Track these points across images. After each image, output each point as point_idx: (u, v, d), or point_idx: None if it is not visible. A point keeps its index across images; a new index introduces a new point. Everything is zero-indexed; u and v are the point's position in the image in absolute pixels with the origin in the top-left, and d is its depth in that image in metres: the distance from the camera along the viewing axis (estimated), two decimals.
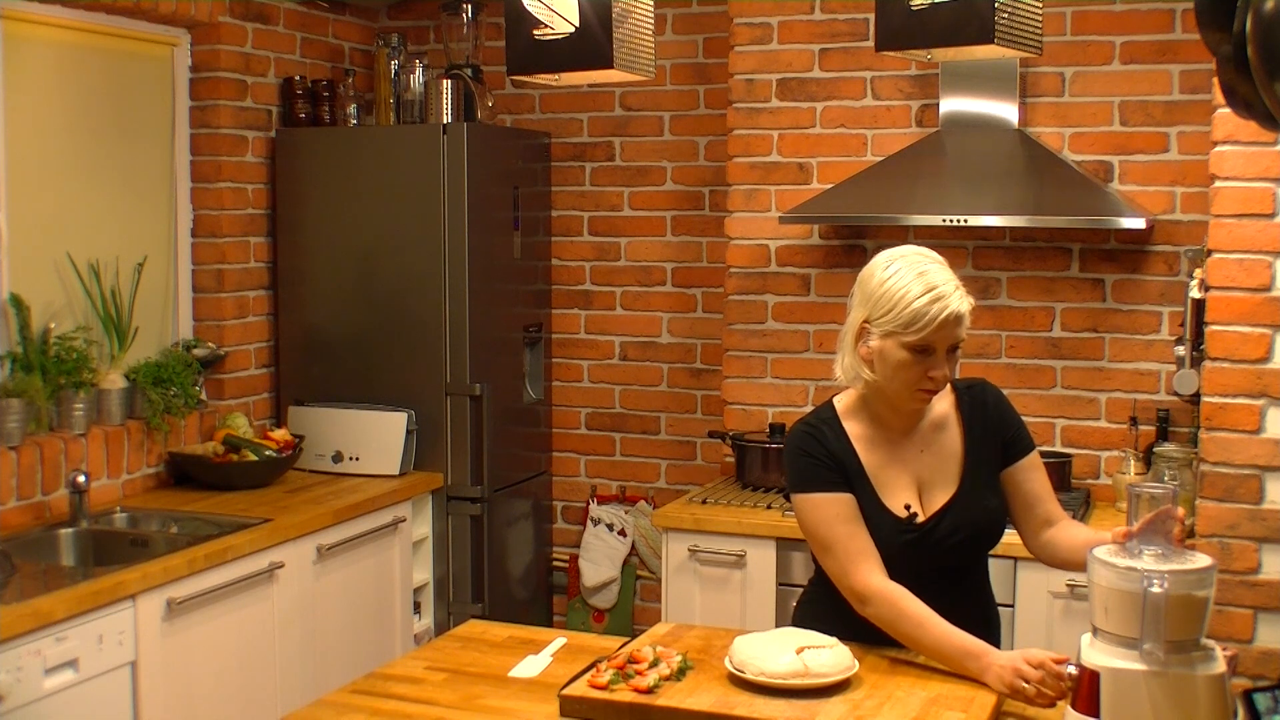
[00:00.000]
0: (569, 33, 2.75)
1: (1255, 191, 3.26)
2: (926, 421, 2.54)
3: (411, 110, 4.56)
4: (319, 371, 4.53)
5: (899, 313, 2.37)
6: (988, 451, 2.53)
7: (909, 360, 2.39)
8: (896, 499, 2.49)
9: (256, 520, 3.66)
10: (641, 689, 2.22)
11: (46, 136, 3.85)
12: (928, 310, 2.35)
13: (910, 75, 4.17)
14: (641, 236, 4.81)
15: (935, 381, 2.41)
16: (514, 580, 4.72)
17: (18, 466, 3.54)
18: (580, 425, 4.95)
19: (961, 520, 2.48)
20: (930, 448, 2.53)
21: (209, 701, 3.40)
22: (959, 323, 2.38)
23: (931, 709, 2.18)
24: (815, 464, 2.48)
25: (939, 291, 2.37)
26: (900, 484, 2.50)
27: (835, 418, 2.54)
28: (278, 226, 4.55)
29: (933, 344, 2.38)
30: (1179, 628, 1.98)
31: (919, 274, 2.40)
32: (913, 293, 2.37)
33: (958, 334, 2.40)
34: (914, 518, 2.48)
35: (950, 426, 2.55)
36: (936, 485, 2.51)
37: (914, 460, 2.52)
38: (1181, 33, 3.88)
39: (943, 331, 2.37)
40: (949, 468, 2.52)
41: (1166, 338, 3.93)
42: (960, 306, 2.37)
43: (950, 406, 2.56)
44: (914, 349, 2.38)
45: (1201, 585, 1.99)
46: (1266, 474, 3.29)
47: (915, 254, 2.46)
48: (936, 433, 2.54)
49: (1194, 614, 1.99)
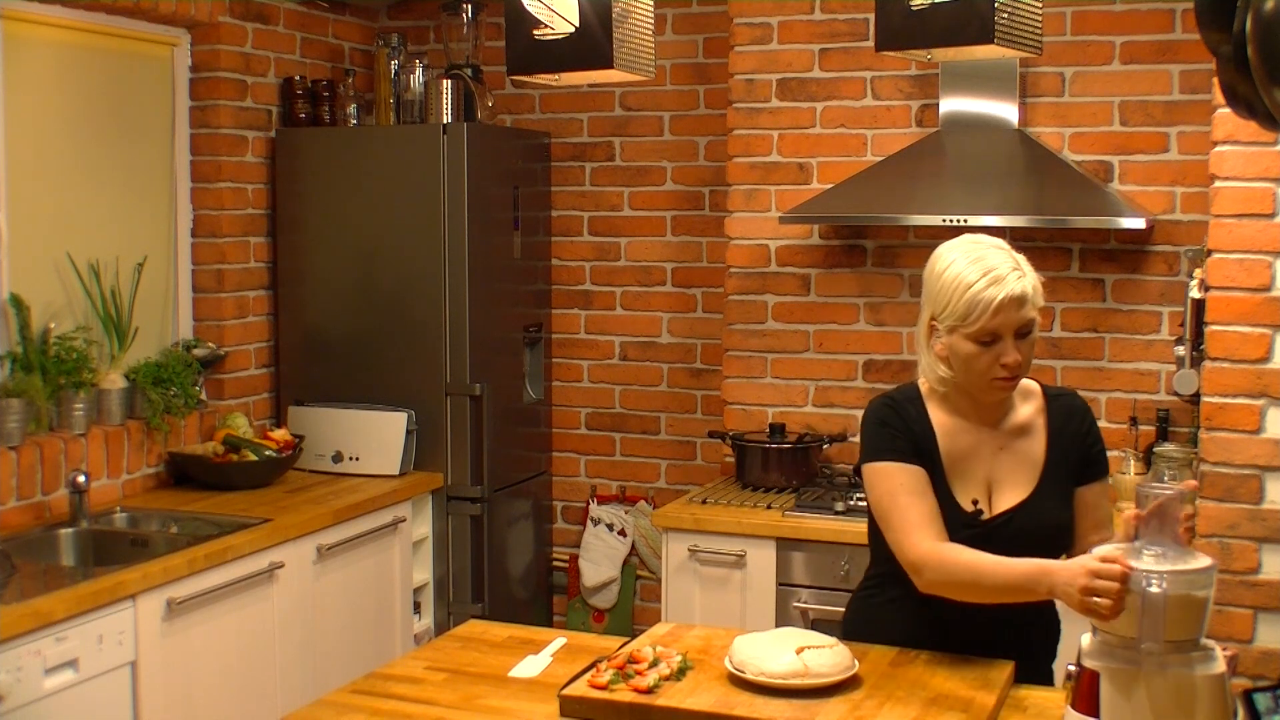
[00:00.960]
0: (569, 33, 2.75)
1: (1255, 191, 3.26)
2: (1010, 422, 2.48)
3: (411, 110, 4.56)
4: (319, 371, 4.53)
5: (957, 304, 2.32)
6: (1068, 462, 2.47)
7: (977, 351, 2.33)
8: (965, 492, 2.44)
9: (256, 520, 3.66)
10: (641, 689, 2.22)
11: (46, 136, 3.85)
12: (983, 296, 2.30)
13: (910, 75, 4.17)
14: (641, 236, 4.81)
15: (1008, 368, 2.34)
16: (514, 580, 4.72)
17: (18, 466, 3.54)
18: (580, 425, 4.95)
19: (1028, 525, 2.42)
20: (1009, 448, 2.47)
21: (209, 701, 3.40)
22: (1020, 305, 2.31)
23: (931, 709, 2.18)
24: (891, 434, 2.44)
25: (994, 275, 2.31)
26: (972, 478, 2.45)
27: (919, 397, 2.49)
28: (278, 226, 4.55)
29: (998, 331, 2.31)
30: (1178, 628, 1.97)
31: (973, 260, 2.34)
32: (967, 280, 2.32)
33: (1023, 316, 2.32)
34: (979, 514, 2.43)
35: (1035, 432, 2.48)
36: (1009, 486, 2.45)
37: (989, 458, 2.46)
38: (1181, 33, 3.88)
39: (1003, 316, 2.30)
40: (1025, 471, 2.46)
41: (1166, 338, 3.93)
42: (1017, 288, 2.30)
43: (1038, 411, 2.50)
44: (979, 339, 2.32)
45: (1201, 586, 1.98)
46: (1266, 474, 3.29)
47: (970, 242, 2.40)
48: (1019, 435, 2.47)
49: (1193, 614, 1.98)
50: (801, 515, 3.81)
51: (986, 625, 2.41)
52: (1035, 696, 2.33)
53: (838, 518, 3.76)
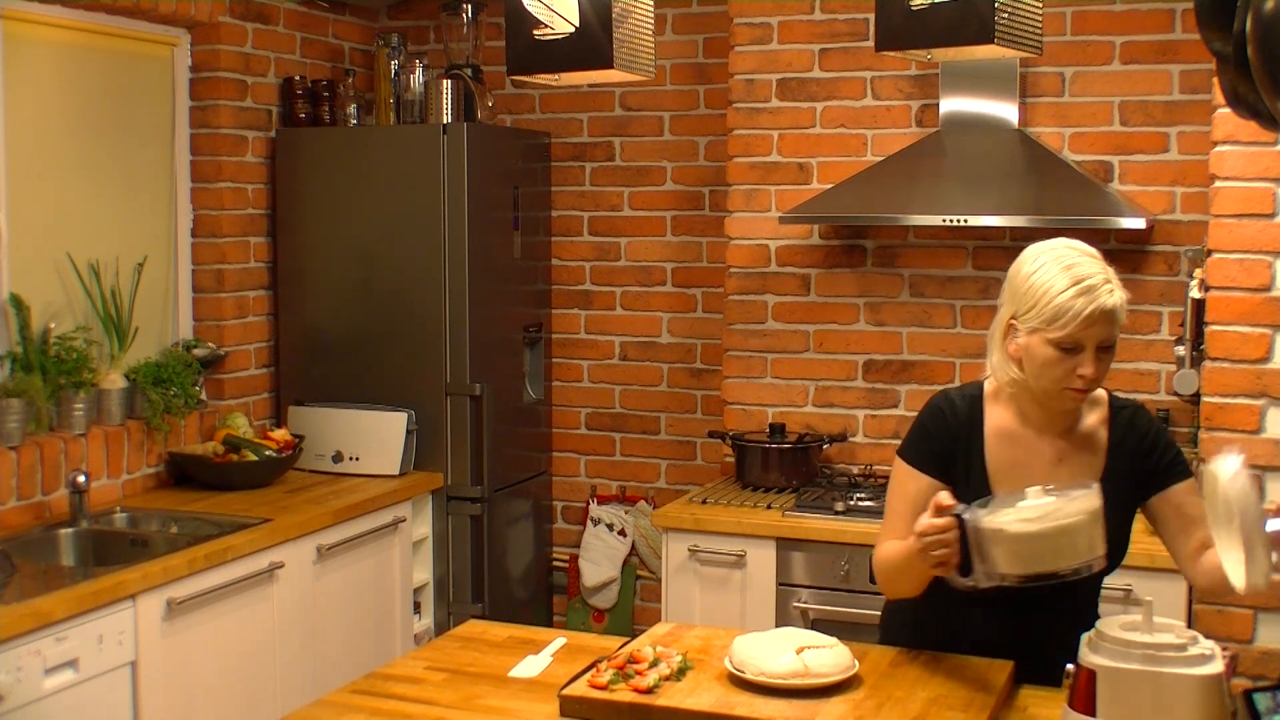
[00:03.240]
0: (569, 33, 2.75)
1: (1255, 191, 3.27)
2: (1073, 432, 2.43)
3: (411, 110, 4.56)
4: (319, 371, 4.53)
5: (1043, 308, 2.28)
6: (1127, 481, 2.41)
7: (1056, 358, 2.29)
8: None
9: (256, 520, 3.66)
10: (641, 689, 2.22)
11: (46, 136, 3.85)
12: (1073, 305, 2.25)
13: (910, 75, 4.17)
14: (641, 236, 4.81)
15: (1085, 380, 2.30)
16: (514, 580, 4.72)
17: (18, 466, 3.54)
18: (580, 425, 4.95)
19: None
20: (1068, 460, 2.42)
21: (209, 701, 3.40)
22: (1108, 319, 2.27)
23: (931, 709, 2.18)
24: (926, 439, 2.46)
25: (1087, 285, 2.26)
26: (1022, 485, 2.36)
27: (980, 399, 2.47)
28: (278, 226, 4.55)
29: (1081, 341, 2.27)
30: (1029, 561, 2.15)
31: (1065, 267, 2.29)
32: (1057, 286, 2.27)
33: (1108, 332, 2.29)
34: None
35: (1097, 446, 2.43)
36: None
37: (1045, 468, 2.41)
38: (1181, 33, 3.88)
39: (1091, 328, 2.26)
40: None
41: (1166, 338, 3.93)
42: (1108, 301, 2.26)
43: (1102, 424, 2.44)
44: (1061, 346, 2.28)
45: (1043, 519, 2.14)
46: (1266, 474, 3.29)
47: (1065, 247, 2.34)
48: (1080, 449, 2.43)
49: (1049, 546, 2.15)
50: (801, 515, 3.81)
51: (1026, 627, 2.39)
52: (1035, 696, 2.33)
53: (838, 518, 3.76)
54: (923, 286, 4.20)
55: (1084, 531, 2.17)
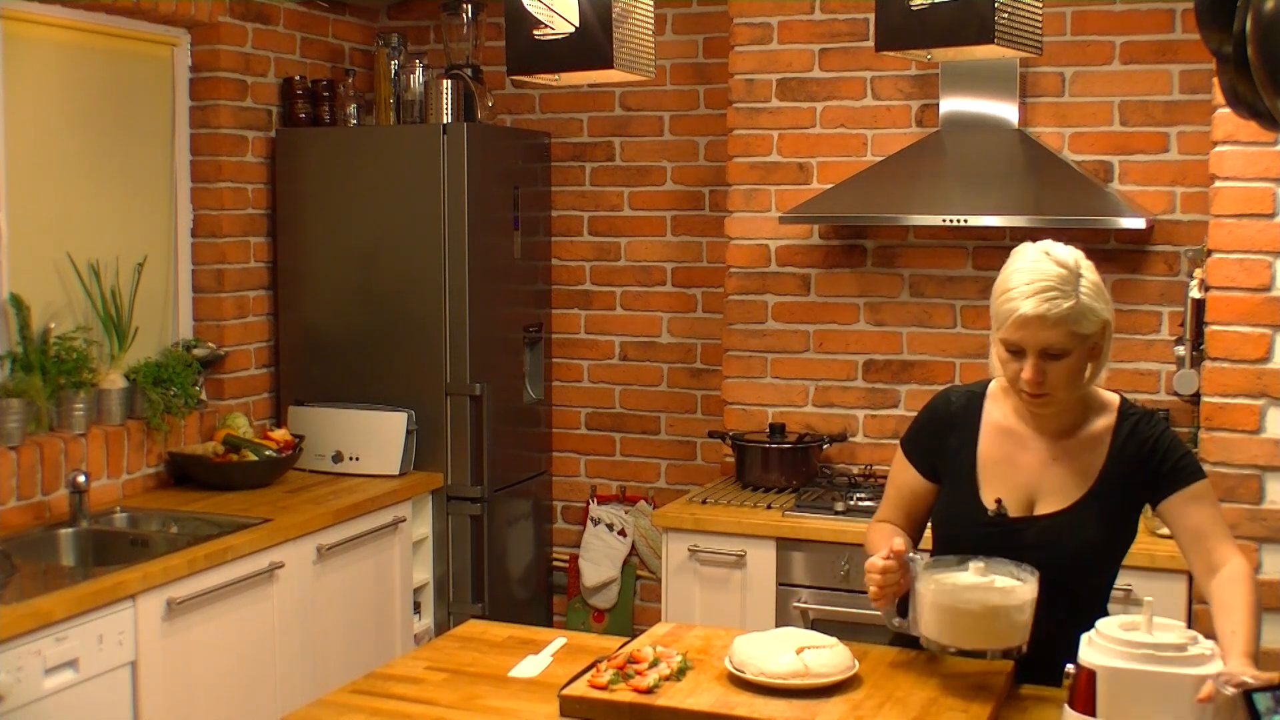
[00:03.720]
0: (569, 33, 2.75)
1: (1255, 191, 3.27)
2: (1075, 434, 2.42)
3: (411, 110, 4.56)
4: (319, 371, 4.53)
5: (995, 308, 2.34)
6: (1125, 484, 2.40)
7: (1006, 359, 2.34)
8: (992, 493, 2.42)
9: (256, 520, 3.66)
10: (641, 689, 2.22)
11: (46, 136, 3.85)
12: (1006, 307, 2.29)
13: (910, 75, 4.17)
14: (641, 236, 4.81)
15: (1027, 384, 2.30)
16: (514, 580, 4.72)
17: (18, 466, 3.54)
18: (580, 425, 4.95)
19: (1052, 536, 2.38)
20: (1065, 460, 2.42)
21: (209, 701, 3.40)
22: (1042, 325, 2.25)
23: (931, 709, 2.18)
24: (919, 431, 2.56)
25: (1029, 288, 2.27)
26: (1010, 481, 2.42)
27: (983, 395, 2.52)
28: (278, 226, 4.55)
29: (1019, 344, 2.29)
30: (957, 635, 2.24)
31: (1024, 267, 2.31)
32: (1006, 286, 2.32)
33: (1046, 339, 2.26)
34: (1002, 515, 2.40)
35: (1098, 447, 2.42)
36: (1054, 496, 2.41)
37: (1039, 466, 2.42)
38: (1181, 33, 3.88)
39: (1022, 332, 2.27)
40: (1075, 484, 2.40)
41: (1166, 338, 3.93)
42: (1044, 309, 2.24)
43: (1108, 429, 2.43)
44: (1007, 347, 2.32)
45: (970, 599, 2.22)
46: (1266, 474, 3.29)
47: (1041, 251, 2.34)
48: (1079, 451, 2.42)
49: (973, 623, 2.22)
50: (801, 515, 3.81)
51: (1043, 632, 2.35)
52: (1035, 696, 2.33)
53: (838, 518, 3.76)
54: (923, 286, 4.20)
55: (1002, 619, 2.22)
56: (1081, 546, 2.40)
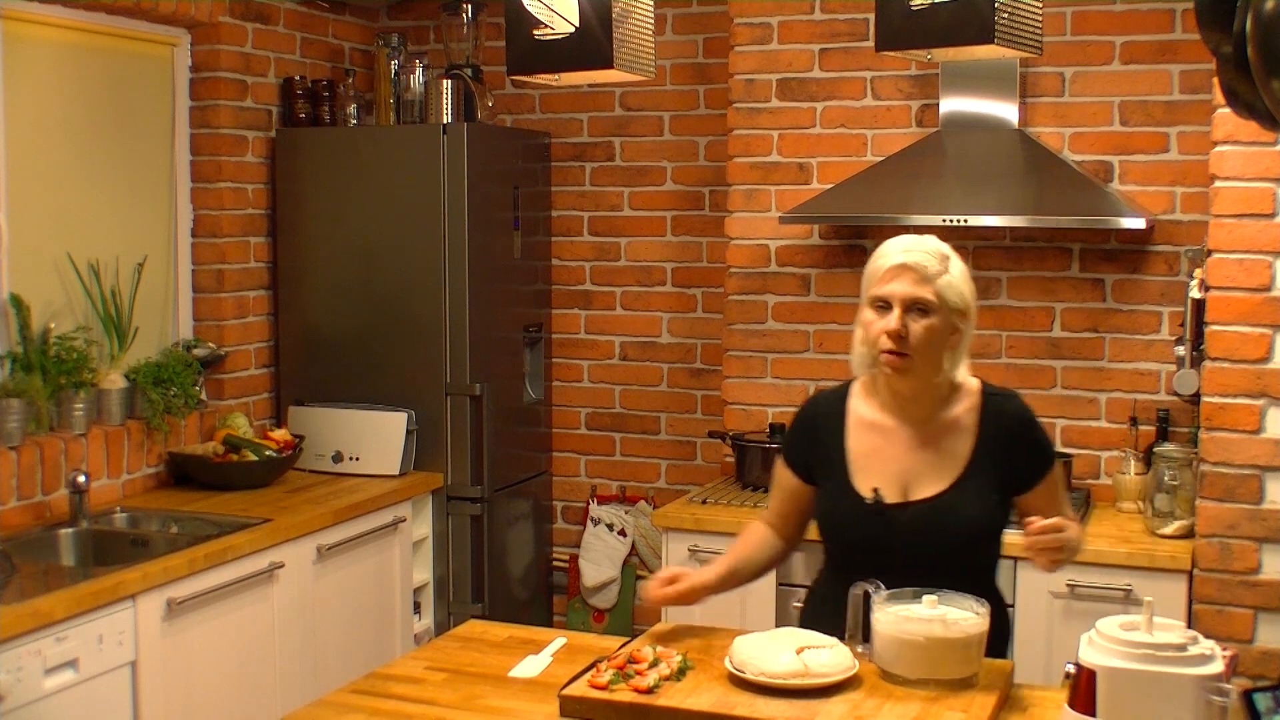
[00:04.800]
0: (569, 33, 2.75)
1: (1255, 191, 3.27)
2: (938, 419, 2.53)
3: (411, 110, 4.56)
4: (319, 371, 4.53)
5: (868, 272, 2.49)
6: (994, 464, 2.50)
7: (872, 318, 2.46)
8: (867, 482, 2.52)
9: (256, 520, 3.66)
10: (641, 689, 2.22)
11: (46, 136, 3.85)
12: (882, 260, 2.45)
13: (910, 75, 4.17)
14: (641, 236, 4.81)
15: (889, 335, 2.41)
16: (514, 580, 4.72)
17: (18, 466, 3.54)
18: (580, 425, 4.95)
19: (932, 518, 2.47)
20: (933, 444, 2.52)
21: (209, 701, 3.40)
22: (914, 276, 2.41)
23: (931, 709, 2.18)
24: (789, 436, 2.69)
25: (903, 247, 2.45)
26: (883, 471, 2.52)
27: (846, 393, 2.62)
28: (278, 226, 4.55)
29: (888, 297, 2.43)
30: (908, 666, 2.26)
31: (897, 238, 2.51)
32: (881, 249, 2.48)
33: (916, 292, 2.41)
34: (879, 502, 2.50)
35: (964, 430, 2.52)
36: (928, 481, 2.51)
37: (908, 453, 2.52)
38: (1181, 33, 3.88)
39: (892, 284, 2.42)
40: (948, 467, 2.51)
41: (1166, 338, 3.93)
42: (915, 259, 2.42)
43: (971, 410, 2.54)
44: (875, 305, 2.45)
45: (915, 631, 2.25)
46: (1266, 474, 3.29)
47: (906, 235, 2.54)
48: (947, 433, 2.53)
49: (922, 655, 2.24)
50: None
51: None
52: (1035, 696, 2.33)
53: None
54: None
55: (945, 651, 2.25)
56: (960, 527, 2.49)
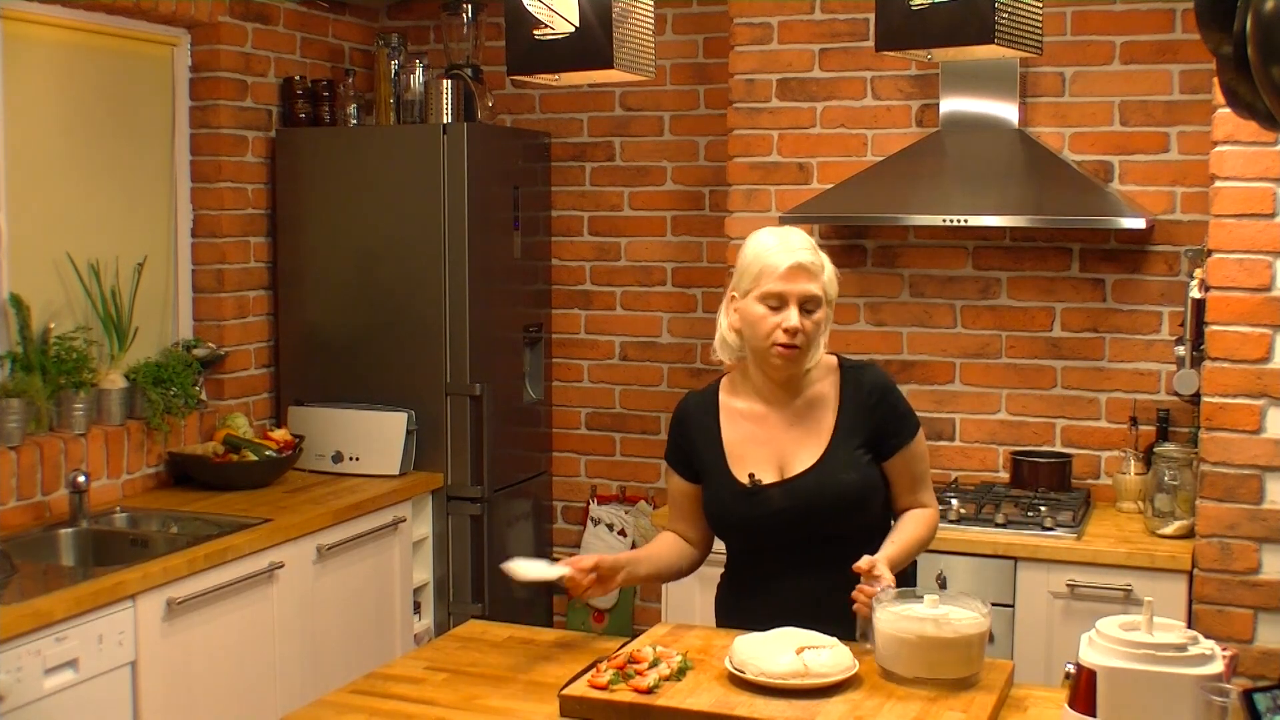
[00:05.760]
0: (569, 33, 2.75)
1: (1255, 191, 3.27)
2: (803, 399, 2.62)
3: (411, 110, 4.56)
4: (319, 371, 4.53)
5: (754, 269, 2.53)
6: (857, 430, 2.60)
7: (764, 314, 2.52)
8: (744, 469, 2.59)
9: (256, 520, 3.66)
10: (641, 689, 2.22)
11: (46, 136, 3.85)
12: (773, 259, 2.51)
13: (910, 75, 4.17)
14: (641, 236, 4.81)
15: (788, 334, 2.50)
16: (514, 580, 4.71)
17: (18, 466, 3.54)
18: (580, 425, 4.95)
19: (810, 489, 2.56)
20: (801, 423, 2.62)
21: (209, 701, 3.40)
22: (807, 274, 2.51)
23: (931, 709, 2.18)
24: (670, 440, 2.75)
25: (789, 245, 2.53)
26: (759, 456, 2.60)
27: (715, 391, 2.71)
28: (278, 226, 4.55)
29: (784, 295, 2.51)
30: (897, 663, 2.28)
31: (772, 234, 2.59)
32: (765, 247, 2.54)
33: (809, 289, 2.51)
34: (755, 484, 2.57)
35: (827, 404, 2.63)
36: (800, 459, 2.59)
37: (780, 435, 2.61)
38: (1181, 33, 3.88)
39: (786, 283, 2.50)
40: (816, 442, 2.60)
41: (1166, 338, 3.93)
42: (806, 258, 2.52)
43: (832, 386, 2.64)
44: (767, 302, 2.51)
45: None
46: (1266, 474, 3.29)
47: (769, 229, 2.63)
48: (811, 409, 2.62)
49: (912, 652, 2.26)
50: None
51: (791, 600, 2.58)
52: (1035, 696, 2.33)
53: None
54: (923, 286, 4.19)
55: (940, 650, 2.26)
56: (834, 493, 2.57)
